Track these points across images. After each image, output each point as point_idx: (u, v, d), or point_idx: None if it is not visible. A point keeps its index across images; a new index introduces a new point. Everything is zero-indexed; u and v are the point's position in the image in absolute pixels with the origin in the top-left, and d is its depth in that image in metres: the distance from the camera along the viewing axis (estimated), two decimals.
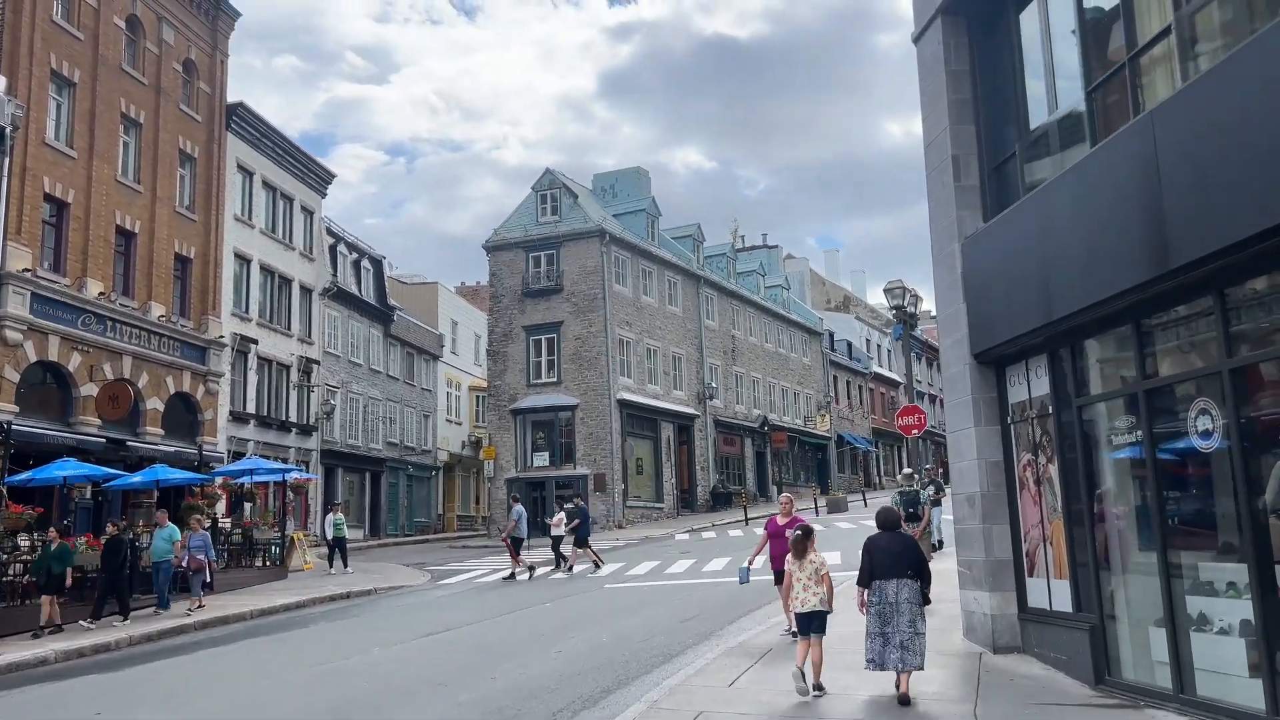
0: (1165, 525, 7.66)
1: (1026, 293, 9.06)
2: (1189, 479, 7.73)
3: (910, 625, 8.11)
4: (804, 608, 8.67)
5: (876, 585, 8.29)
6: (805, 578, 8.73)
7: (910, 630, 8.10)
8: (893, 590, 8.19)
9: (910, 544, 8.54)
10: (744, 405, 46.30)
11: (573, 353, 35.25)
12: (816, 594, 8.66)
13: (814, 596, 8.66)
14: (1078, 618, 8.76)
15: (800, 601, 8.70)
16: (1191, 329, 7.49)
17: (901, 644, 8.08)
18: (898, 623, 8.10)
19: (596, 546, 28.24)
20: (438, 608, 17.75)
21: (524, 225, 37.25)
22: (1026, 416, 9.71)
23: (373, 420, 40.85)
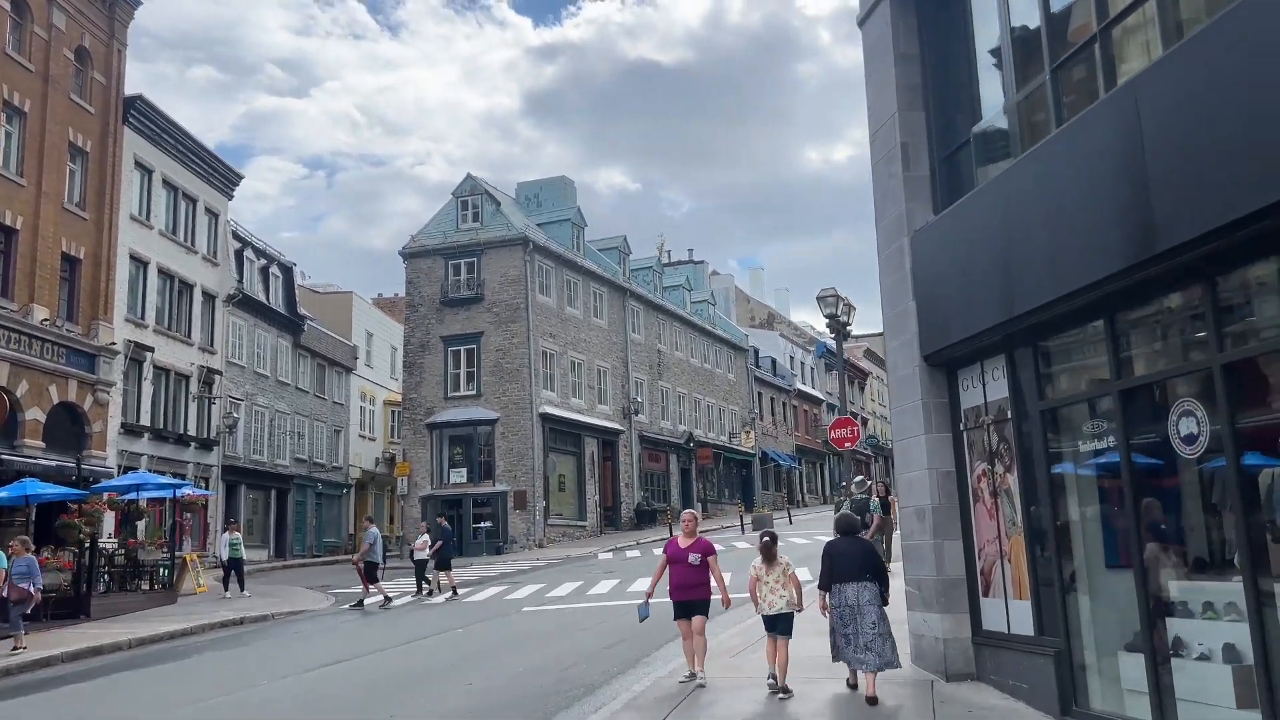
0: (1142, 540, 6.93)
1: (984, 288, 8.33)
2: (1168, 488, 7.03)
3: (873, 627, 8.41)
4: (771, 609, 9.03)
5: (837, 588, 8.68)
6: (773, 580, 9.07)
7: (874, 632, 8.40)
8: (853, 593, 8.54)
9: (869, 549, 9.06)
10: (670, 421, 45.49)
11: (493, 365, 33.93)
12: (784, 596, 8.99)
13: (781, 599, 8.99)
14: (1041, 642, 7.99)
15: (768, 604, 9.04)
16: (1175, 322, 6.81)
17: (866, 645, 8.39)
18: (860, 625, 8.44)
19: (517, 566, 27.05)
20: (339, 635, 16.35)
21: (444, 232, 35.88)
22: (981, 423, 8.97)
23: (280, 435, 38.84)
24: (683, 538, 9.82)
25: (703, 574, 9.57)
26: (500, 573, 25.57)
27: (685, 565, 9.56)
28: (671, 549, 9.86)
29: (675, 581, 9.65)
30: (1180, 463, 6.71)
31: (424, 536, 21.90)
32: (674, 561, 9.70)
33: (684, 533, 9.86)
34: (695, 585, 9.58)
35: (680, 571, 9.62)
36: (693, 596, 9.56)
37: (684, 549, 9.67)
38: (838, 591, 8.66)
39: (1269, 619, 5.90)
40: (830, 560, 8.84)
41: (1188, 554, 7.02)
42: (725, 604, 9.72)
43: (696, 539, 9.75)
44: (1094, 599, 7.69)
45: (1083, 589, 7.75)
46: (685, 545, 9.71)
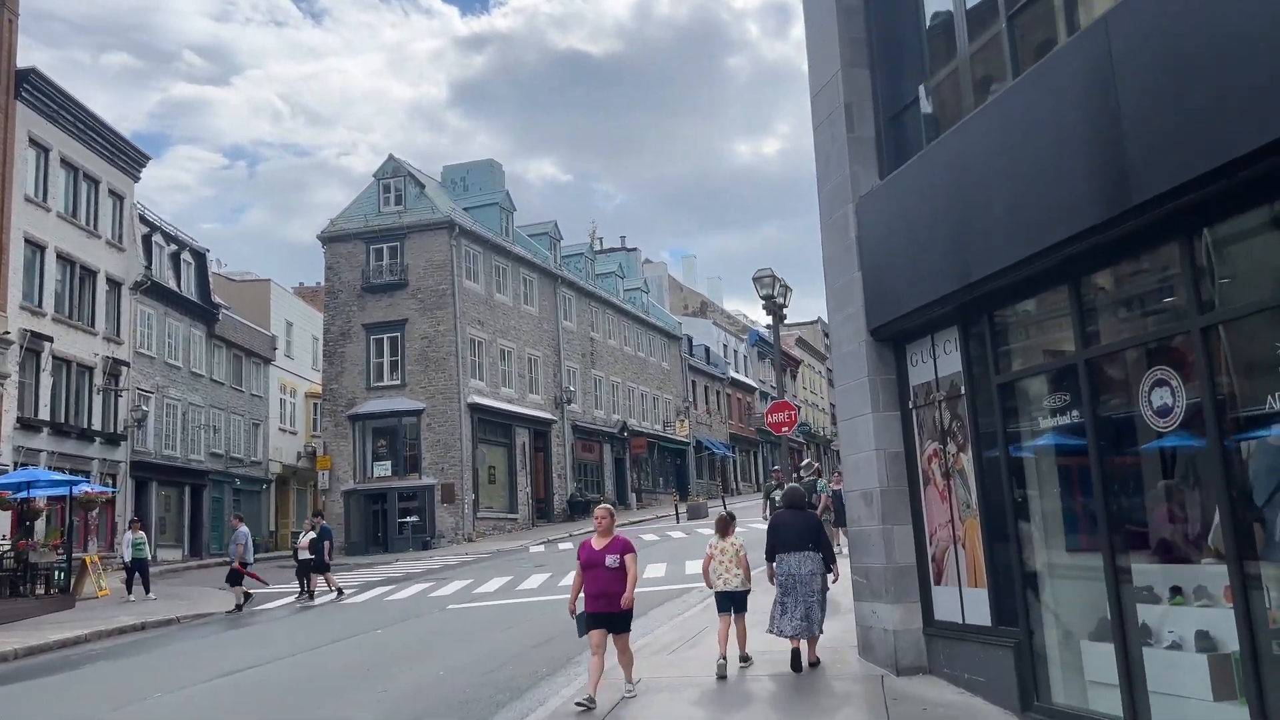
0: (1112, 521, 6.41)
1: (937, 254, 7.74)
2: (1137, 466, 6.52)
3: (812, 594, 8.75)
4: (725, 586, 9.13)
5: (781, 559, 8.93)
6: (726, 560, 9.19)
7: (812, 599, 8.75)
8: (795, 562, 8.81)
9: (813, 520, 9.37)
10: (603, 410, 44.74)
11: (419, 353, 32.69)
12: (736, 575, 9.12)
13: (735, 577, 9.12)
14: (999, 632, 7.45)
15: (722, 581, 9.15)
16: (1149, 284, 6.28)
17: (805, 613, 8.69)
18: (800, 593, 8.72)
19: (444, 562, 26.04)
20: (248, 639, 15.26)
21: (365, 215, 34.46)
22: (932, 400, 8.41)
23: (193, 429, 37.07)
24: (597, 538, 8.39)
25: (622, 579, 8.15)
26: (426, 569, 24.56)
27: (602, 570, 8.14)
28: (585, 553, 8.41)
29: (592, 589, 8.20)
30: (1152, 437, 6.20)
31: (309, 535, 20.48)
32: (589, 566, 8.27)
33: (598, 531, 8.43)
34: (615, 593, 8.12)
35: (597, 578, 8.17)
36: (613, 608, 8.13)
37: (600, 551, 8.24)
38: (782, 561, 8.95)
39: (1255, 604, 5.39)
40: (775, 532, 9.21)
41: (1152, 536, 6.55)
42: (626, 604, 8.19)
43: (613, 538, 8.34)
44: (1055, 586, 7.18)
45: (1043, 575, 7.23)
46: (600, 546, 8.28)
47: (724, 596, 9.17)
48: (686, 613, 13.27)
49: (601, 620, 8.19)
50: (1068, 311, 6.68)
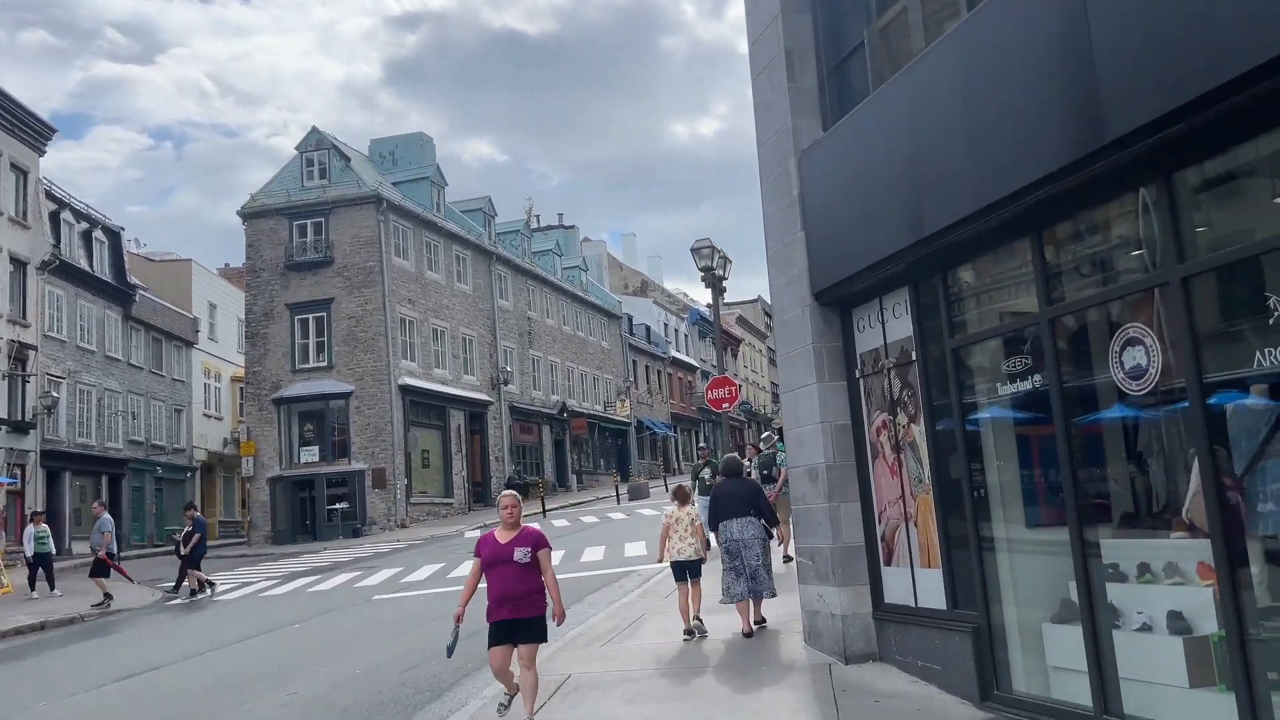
0: (1079, 493, 5.87)
1: (887, 208, 7.12)
2: (1105, 433, 5.99)
3: (757, 558, 9.05)
4: (680, 556, 9.45)
5: (723, 526, 9.20)
6: (682, 529, 9.52)
7: (757, 563, 9.05)
8: (737, 528, 9.09)
9: (752, 487, 9.74)
10: (542, 391, 43.85)
11: (346, 333, 31.41)
12: (691, 544, 9.48)
13: (689, 547, 9.47)
14: (955, 616, 6.91)
15: (677, 550, 9.47)
16: (1121, 234, 5.71)
17: (750, 575, 8.99)
18: (745, 557, 8.99)
19: (375, 549, 25.06)
20: (156, 637, 14.23)
21: (287, 190, 32.95)
22: (881, 367, 7.82)
23: (110, 415, 35.34)
24: (502, 530, 6.89)
25: (534, 578, 6.75)
26: (355, 557, 23.56)
27: (510, 568, 6.68)
28: (487, 548, 6.87)
29: (496, 593, 6.72)
30: (1123, 402, 5.67)
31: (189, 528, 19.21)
32: (493, 564, 6.76)
33: (503, 523, 6.93)
34: (525, 595, 6.71)
35: (503, 578, 6.69)
36: (524, 613, 6.69)
37: (506, 545, 6.76)
38: (724, 529, 9.17)
39: (1241, 581, 4.88)
40: (716, 502, 9.47)
41: (1115, 509, 6.05)
42: (559, 618, 6.84)
43: (521, 530, 6.91)
44: (1015, 565, 6.65)
45: (1003, 554, 6.69)
46: (507, 540, 6.80)
47: (679, 566, 9.47)
48: (624, 598, 12.62)
49: (506, 632, 6.68)
50: (1030, 267, 6.12)
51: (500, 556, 6.77)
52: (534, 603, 6.74)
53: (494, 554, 6.82)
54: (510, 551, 6.74)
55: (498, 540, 6.86)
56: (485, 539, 7.04)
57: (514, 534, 6.89)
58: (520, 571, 6.71)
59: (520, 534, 6.90)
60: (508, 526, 6.92)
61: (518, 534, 6.89)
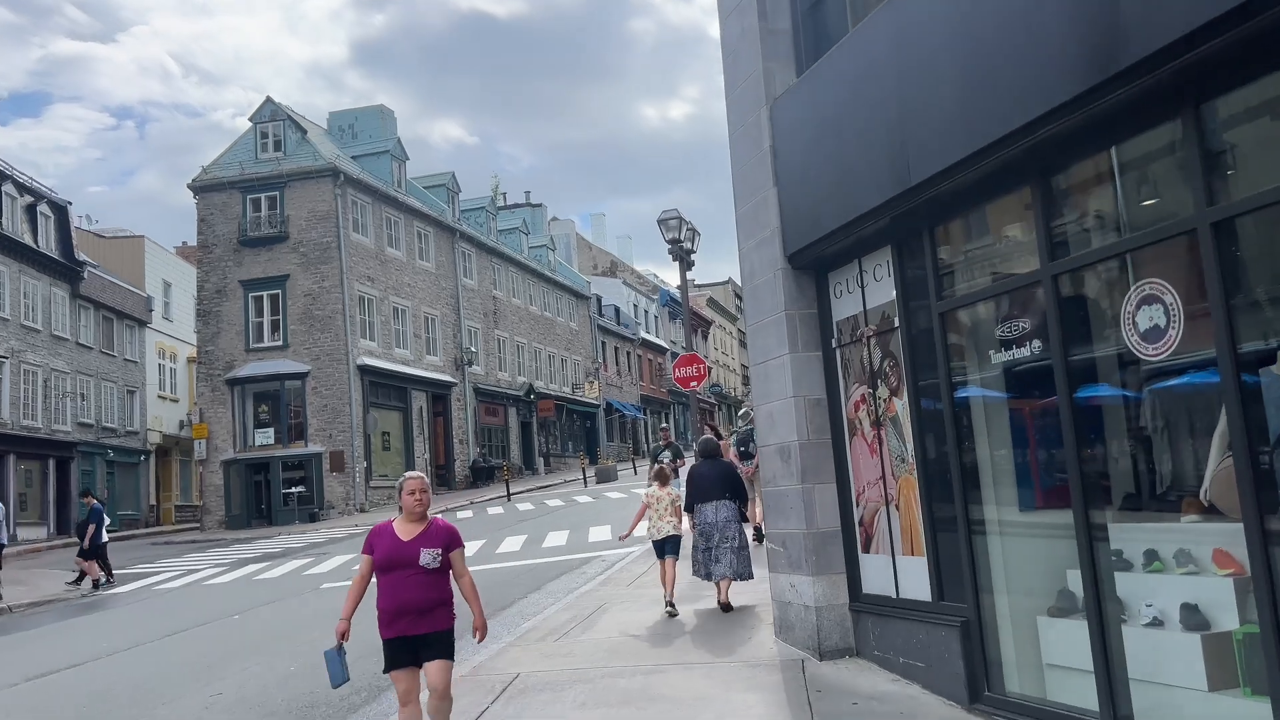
0: (1085, 471, 5.22)
1: (868, 159, 6.41)
2: (1115, 404, 5.34)
3: (729, 540, 9.05)
4: (660, 534, 9.57)
5: (698, 508, 9.28)
6: (662, 508, 9.62)
7: (729, 545, 9.04)
8: (711, 511, 9.14)
9: (727, 470, 9.67)
10: (508, 372, 42.94)
11: (302, 311, 30.30)
12: (670, 521, 9.58)
13: (668, 524, 9.57)
14: (941, 609, 6.26)
15: (657, 530, 9.59)
16: (1138, 176, 5.03)
17: (718, 558, 9.03)
18: (718, 539, 9.03)
19: (330, 535, 24.17)
20: (84, 630, 13.35)
21: (240, 162, 31.69)
22: (860, 336, 7.13)
23: (57, 397, 34.02)
24: (404, 523, 5.42)
25: (443, 586, 5.34)
26: (309, 543, 22.68)
27: (413, 574, 5.23)
28: (385, 546, 5.34)
29: (392, 602, 5.25)
30: (1136, 369, 5.01)
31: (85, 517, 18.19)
32: (389, 568, 5.27)
33: (406, 514, 5.43)
34: (431, 608, 5.27)
35: (403, 584, 5.22)
36: (425, 628, 5.26)
37: (409, 543, 5.30)
38: (699, 511, 9.25)
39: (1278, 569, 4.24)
40: (692, 483, 9.52)
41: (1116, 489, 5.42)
42: (480, 632, 5.48)
43: (430, 524, 5.44)
44: (1008, 552, 6.00)
45: (994, 540, 6.04)
46: (411, 536, 5.33)
47: (660, 544, 9.57)
48: (585, 586, 11.91)
49: (406, 650, 5.27)
50: (1030, 219, 5.43)
51: (401, 558, 5.25)
52: (439, 616, 5.30)
53: (393, 554, 5.27)
54: (415, 553, 5.25)
55: (398, 536, 5.33)
56: (381, 532, 5.42)
57: (420, 529, 5.37)
58: (427, 579, 5.24)
59: (429, 529, 5.38)
60: (412, 518, 5.39)
61: (425, 529, 5.37)
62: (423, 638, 5.27)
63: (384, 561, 5.30)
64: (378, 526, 5.50)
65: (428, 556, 5.27)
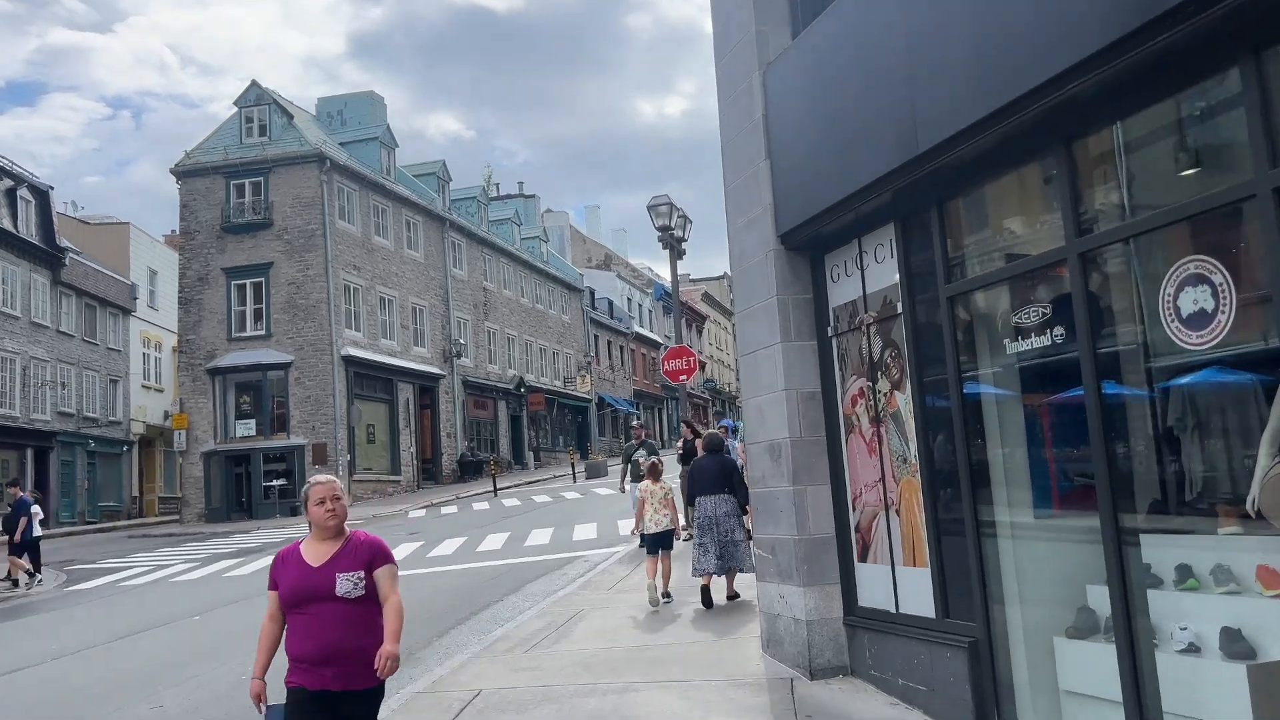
0: (1115, 472, 4.59)
1: (871, 125, 5.77)
2: (1148, 399, 4.70)
3: (728, 535, 9.08)
4: (656, 528, 9.75)
5: (698, 501, 9.35)
6: (656, 503, 9.85)
7: (728, 539, 9.08)
8: (711, 505, 9.15)
9: (728, 464, 9.55)
10: (498, 365, 42.25)
11: (286, 300, 29.58)
12: (665, 515, 9.80)
13: (664, 518, 9.79)
14: (947, 627, 5.63)
15: (653, 523, 9.77)
16: (1178, 138, 4.38)
17: (720, 552, 9.03)
18: (716, 533, 9.04)
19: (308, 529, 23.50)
20: (37, 628, 12.69)
21: (224, 147, 30.94)
22: (859, 324, 6.49)
23: (36, 385, 33.28)
24: (314, 542, 4.18)
25: (370, 619, 4.06)
26: (287, 538, 21.97)
27: (330, 607, 4.02)
28: (292, 574, 4.13)
29: (309, 647, 3.99)
30: (1175, 360, 4.39)
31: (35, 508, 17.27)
32: (298, 603, 4.06)
33: (316, 530, 4.18)
34: (359, 651, 4.01)
35: (321, 623, 4.00)
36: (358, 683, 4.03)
37: (321, 569, 4.08)
38: (699, 505, 9.32)
39: None
40: (692, 476, 9.66)
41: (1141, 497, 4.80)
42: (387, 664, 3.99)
43: (348, 540, 4.17)
44: (1023, 566, 5.37)
45: (1007, 552, 5.41)
46: (323, 560, 4.10)
47: (653, 539, 9.70)
48: (564, 589, 11.28)
49: (329, 709, 4.00)
50: (1056, 186, 4.79)
51: (312, 589, 4.02)
52: (358, 659, 3.99)
53: (301, 586, 4.04)
54: (328, 580, 4.01)
55: (306, 561, 4.10)
56: (286, 558, 4.20)
57: (335, 548, 4.11)
58: (350, 613, 3.99)
59: (345, 547, 4.12)
60: (324, 535, 4.14)
61: (341, 548, 4.11)
62: (347, 696, 3.99)
63: (291, 596, 4.05)
64: (282, 552, 4.28)
65: (346, 583, 4.01)
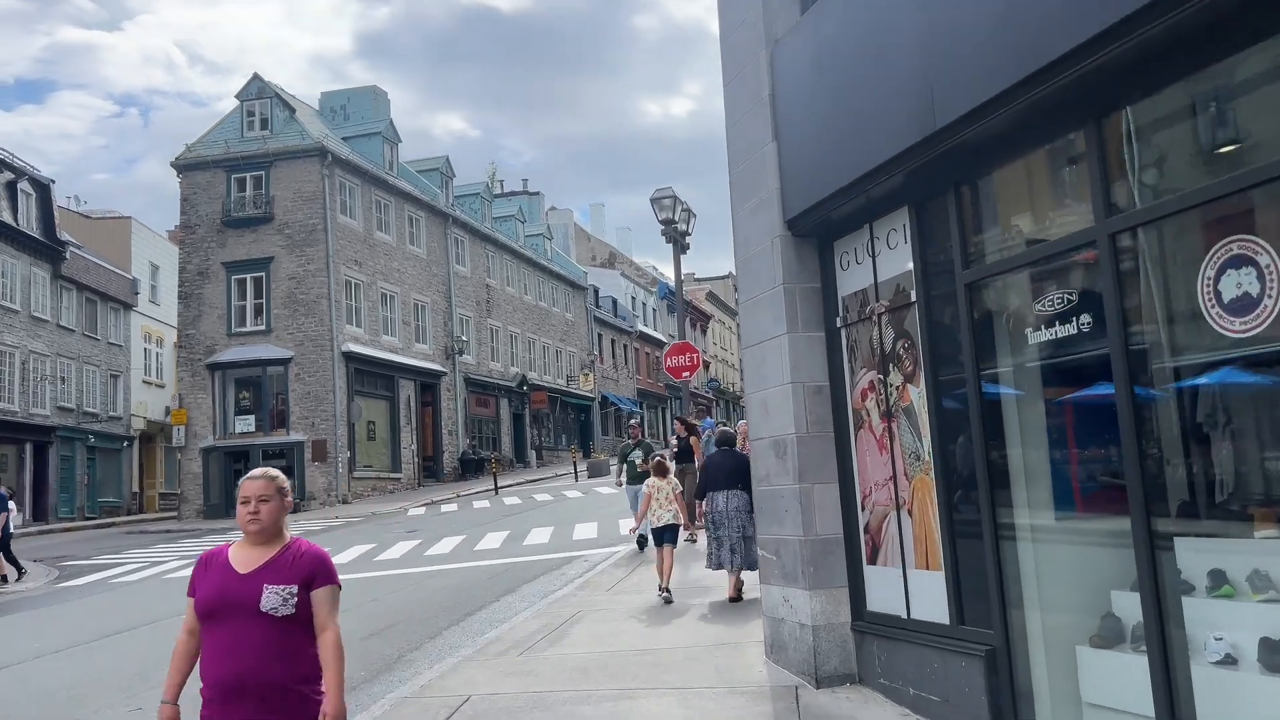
0: (1146, 470, 4.26)
1: (885, 101, 5.44)
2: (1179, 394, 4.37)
3: (739, 531, 9.10)
4: (660, 522, 9.99)
5: (710, 496, 9.37)
6: (663, 498, 10.06)
7: (739, 535, 9.08)
8: (723, 500, 9.20)
9: (742, 460, 9.24)
10: (500, 362, 41.96)
11: (286, 295, 29.30)
12: (671, 510, 10.02)
13: (668, 513, 10.00)
14: (962, 634, 5.30)
15: (656, 517, 10.02)
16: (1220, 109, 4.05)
17: (732, 548, 9.09)
18: (728, 529, 9.11)
19: (307, 527, 23.21)
20: (20, 628, 12.38)
21: (226, 140, 30.68)
22: (870, 313, 6.16)
23: (35, 380, 33.05)
24: (245, 547, 3.45)
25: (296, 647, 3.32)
26: None
27: (249, 622, 3.28)
28: (212, 580, 3.39)
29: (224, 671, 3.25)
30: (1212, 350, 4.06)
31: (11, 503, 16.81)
32: (214, 614, 3.33)
33: (249, 538, 3.45)
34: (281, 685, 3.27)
35: (233, 643, 3.27)
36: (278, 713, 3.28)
37: (248, 577, 3.35)
38: (711, 499, 9.36)
39: None
40: (705, 472, 9.74)
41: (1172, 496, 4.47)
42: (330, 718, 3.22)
43: (284, 547, 3.44)
44: (1043, 569, 5.04)
45: (1026, 555, 5.08)
46: (251, 567, 3.38)
47: (659, 531, 9.97)
48: (562, 590, 10.96)
49: None
50: (1085, 162, 4.46)
51: (233, 600, 3.30)
52: (297, 702, 3.28)
53: (222, 593, 3.32)
54: (254, 591, 3.29)
55: (233, 567, 3.38)
56: (210, 561, 3.46)
57: (268, 555, 3.38)
58: (272, 634, 3.27)
59: (281, 556, 3.39)
60: (255, 540, 3.41)
61: (275, 556, 3.38)
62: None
63: (206, 605, 3.31)
64: (207, 553, 3.50)
65: (274, 597, 3.25)
